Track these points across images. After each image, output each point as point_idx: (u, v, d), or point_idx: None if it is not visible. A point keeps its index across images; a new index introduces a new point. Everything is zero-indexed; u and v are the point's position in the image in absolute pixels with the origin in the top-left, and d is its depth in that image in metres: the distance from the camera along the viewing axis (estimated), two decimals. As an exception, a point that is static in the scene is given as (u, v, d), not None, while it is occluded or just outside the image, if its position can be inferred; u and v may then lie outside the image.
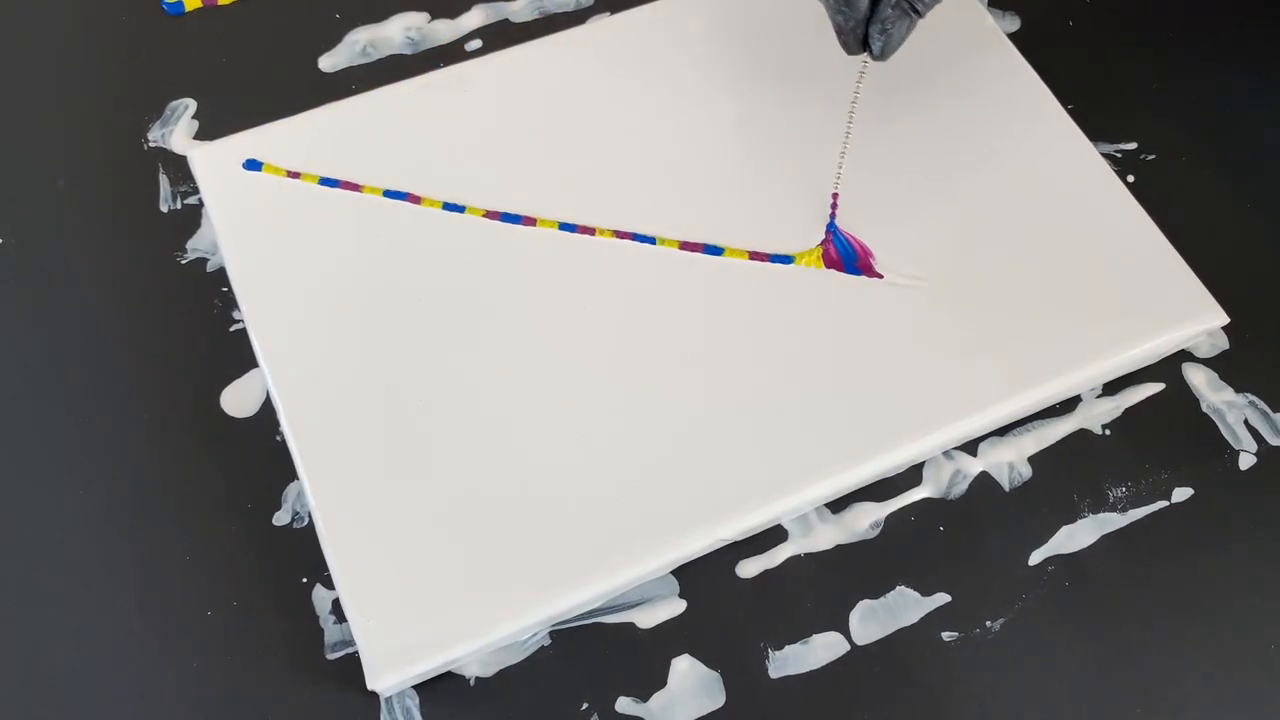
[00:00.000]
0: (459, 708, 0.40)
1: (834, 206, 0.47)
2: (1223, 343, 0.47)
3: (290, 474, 0.43)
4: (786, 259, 0.46)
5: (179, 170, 0.50)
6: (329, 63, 0.53)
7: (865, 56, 0.44)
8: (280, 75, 0.53)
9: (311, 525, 0.42)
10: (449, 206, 0.47)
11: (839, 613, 0.41)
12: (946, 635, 0.41)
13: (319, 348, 0.44)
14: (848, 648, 0.41)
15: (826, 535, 0.43)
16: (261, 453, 0.44)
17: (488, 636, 0.39)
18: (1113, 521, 0.43)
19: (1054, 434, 0.45)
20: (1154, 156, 0.51)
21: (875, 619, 0.41)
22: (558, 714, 0.40)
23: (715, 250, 0.46)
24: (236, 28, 0.54)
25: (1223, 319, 0.45)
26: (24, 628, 0.41)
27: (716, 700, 0.40)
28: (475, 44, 0.54)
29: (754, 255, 0.46)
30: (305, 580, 0.42)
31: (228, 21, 0.55)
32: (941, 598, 0.42)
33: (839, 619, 0.41)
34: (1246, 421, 0.45)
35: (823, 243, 0.46)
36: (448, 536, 0.40)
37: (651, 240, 0.46)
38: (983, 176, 0.48)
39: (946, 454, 0.44)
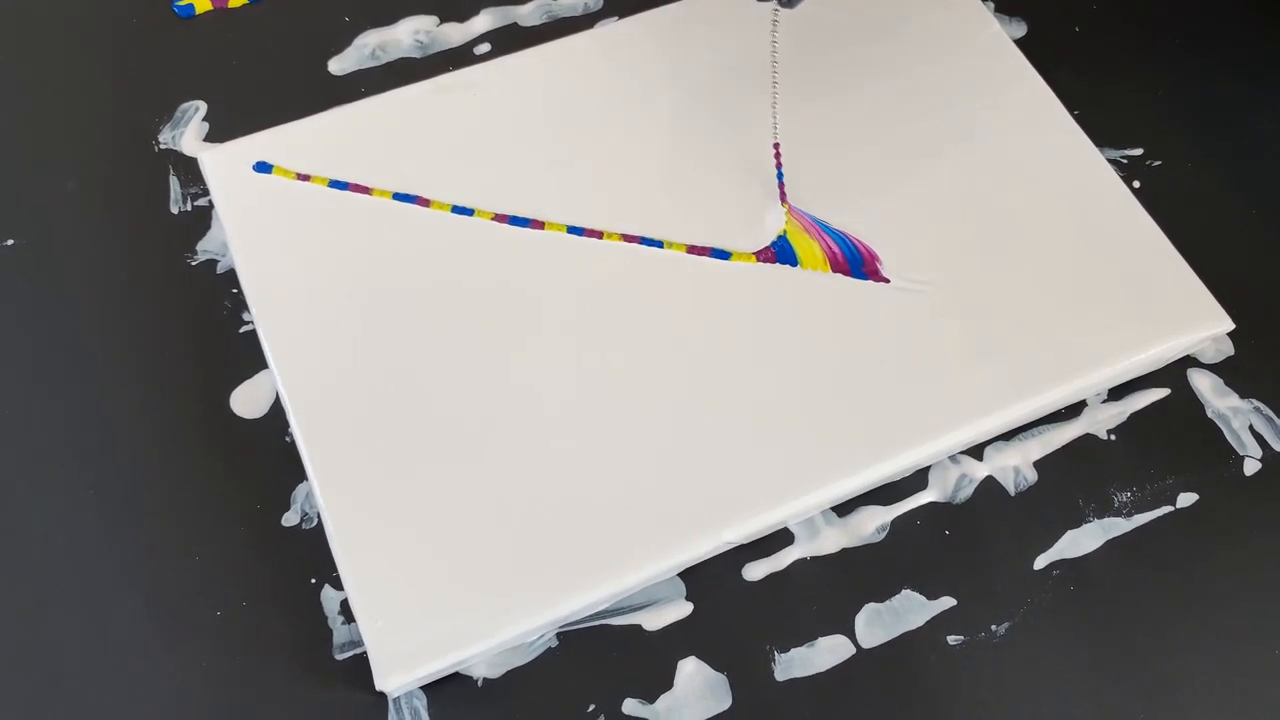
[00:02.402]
0: (466, 708, 0.40)
1: (777, 157, 0.47)
2: (1228, 349, 0.47)
3: (299, 475, 0.43)
4: (793, 261, 0.46)
5: (189, 172, 0.50)
6: (339, 65, 0.54)
7: (775, 4, 0.43)
8: (290, 78, 0.53)
9: (320, 526, 0.42)
10: (458, 209, 0.47)
11: (845, 616, 0.42)
12: (952, 639, 0.41)
13: (328, 349, 0.44)
14: (853, 651, 0.41)
15: (832, 539, 0.43)
16: (271, 453, 0.44)
17: (495, 638, 0.39)
18: (1118, 526, 0.43)
19: (1059, 439, 0.45)
20: (1160, 162, 0.51)
21: (881, 622, 0.42)
22: (564, 715, 0.40)
23: (723, 254, 0.46)
24: (247, 30, 0.55)
25: (1228, 325, 0.45)
26: (32, 628, 0.41)
27: (723, 702, 0.40)
28: (484, 47, 0.54)
29: (761, 258, 0.46)
30: (314, 581, 0.42)
31: (238, 24, 0.55)
32: (947, 601, 0.42)
33: (845, 622, 0.41)
34: (1251, 427, 0.46)
35: (787, 212, 0.46)
36: (456, 538, 0.40)
37: (659, 244, 0.47)
38: (989, 182, 0.48)
39: (952, 458, 0.44)
